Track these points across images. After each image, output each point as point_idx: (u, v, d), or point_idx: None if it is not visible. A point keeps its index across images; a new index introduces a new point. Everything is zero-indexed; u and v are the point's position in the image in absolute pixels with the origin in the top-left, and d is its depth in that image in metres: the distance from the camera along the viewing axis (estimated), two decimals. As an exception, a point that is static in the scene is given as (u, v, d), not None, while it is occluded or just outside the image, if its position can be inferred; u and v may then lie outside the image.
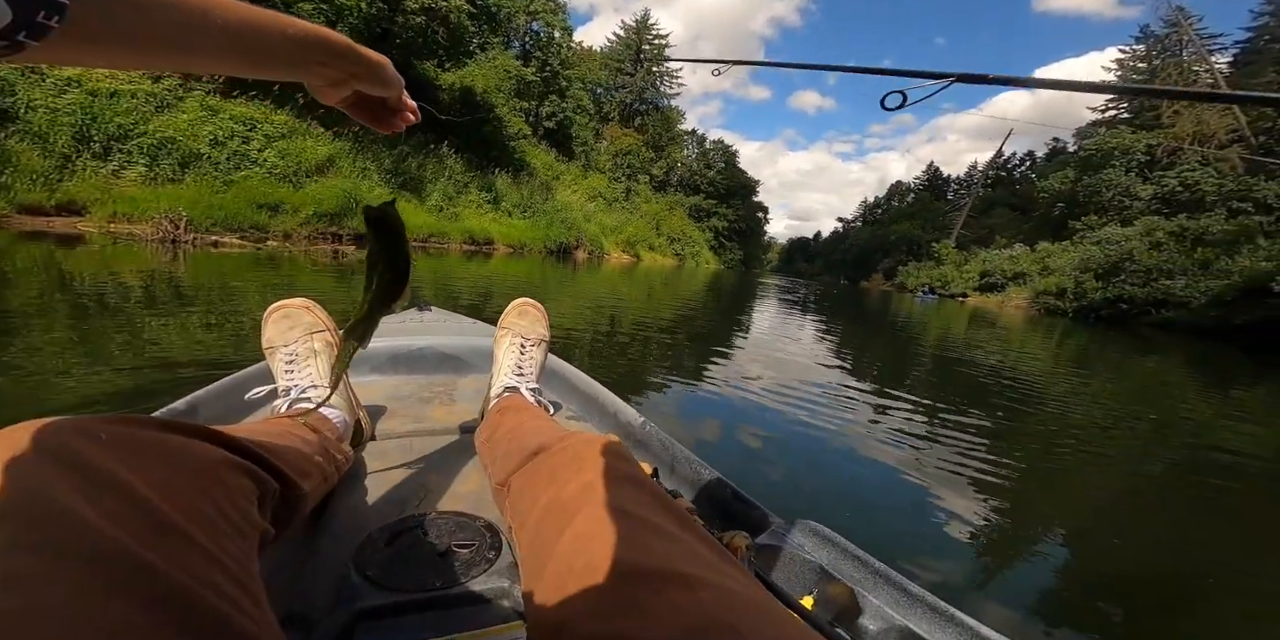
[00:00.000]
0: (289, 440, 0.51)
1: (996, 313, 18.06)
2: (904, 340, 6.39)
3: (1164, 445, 2.62)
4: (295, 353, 0.71)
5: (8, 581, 0.21)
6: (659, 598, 0.28)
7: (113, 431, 0.31)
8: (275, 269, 4.94)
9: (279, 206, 7.64)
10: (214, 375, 0.87)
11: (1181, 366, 6.52)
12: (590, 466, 0.41)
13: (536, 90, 19.41)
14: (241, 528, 0.33)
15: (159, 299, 2.96)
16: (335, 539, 0.54)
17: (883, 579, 0.50)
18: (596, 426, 0.96)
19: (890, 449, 2.04)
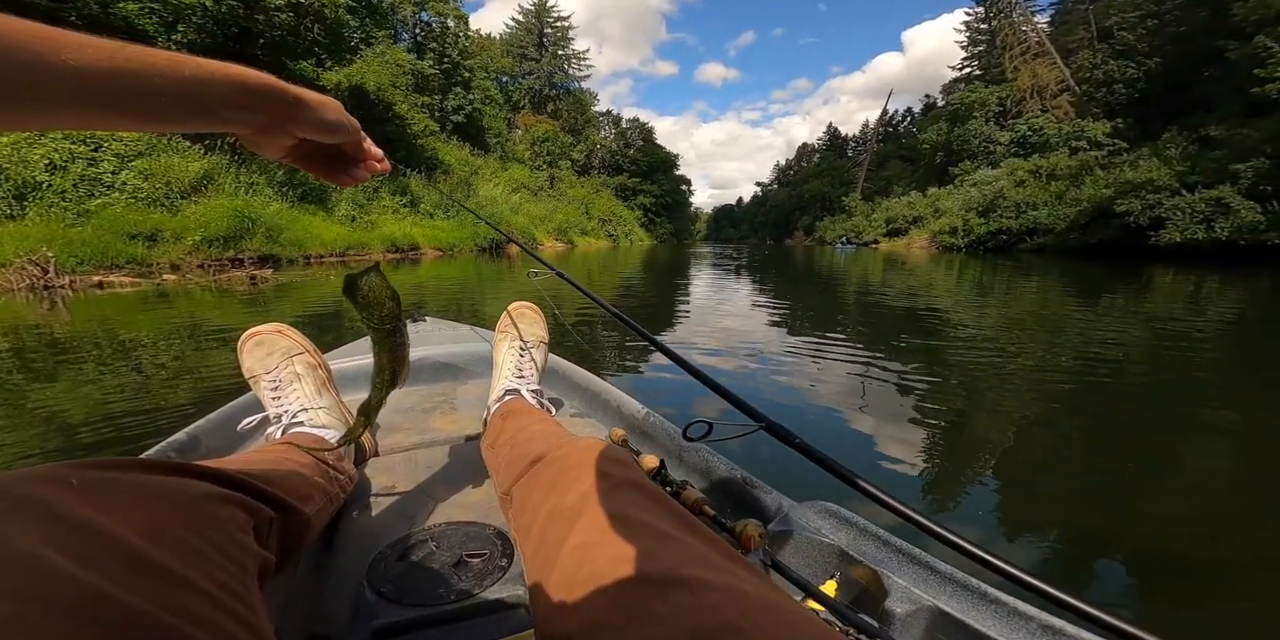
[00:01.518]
0: (285, 466, 0.49)
1: (905, 254, 19.65)
2: (830, 289, 6.73)
3: (1057, 347, 2.94)
4: (279, 379, 0.70)
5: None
6: (664, 604, 0.27)
7: (84, 476, 0.30)
8: (190, 304, 4.23)
9: (155, 235, 6.51)
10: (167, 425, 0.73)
11: (1056, 284, 7.37)
12: (588, 473, 0.40)
13: (437, 84, 17.91)
14: (238, 559, 0.32)
15: (69, 359, 2.40)
16: (348, 558, 0.54)
17: (907, 558, 0.47)
18: (600, 421, 0.93)
19: (831, 385, 2.14)
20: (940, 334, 3.34)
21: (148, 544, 0.27)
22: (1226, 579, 1.00)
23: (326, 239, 8.70)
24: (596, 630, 0.28)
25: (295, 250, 7.87)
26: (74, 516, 0.27)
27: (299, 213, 8.96)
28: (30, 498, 0.27)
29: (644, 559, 0.30)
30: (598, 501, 0.36)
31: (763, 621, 0.26)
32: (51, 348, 2.59)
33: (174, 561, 0.28)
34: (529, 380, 0.80)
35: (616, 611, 0.28)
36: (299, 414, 0.67)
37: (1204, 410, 1.92)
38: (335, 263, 8.31)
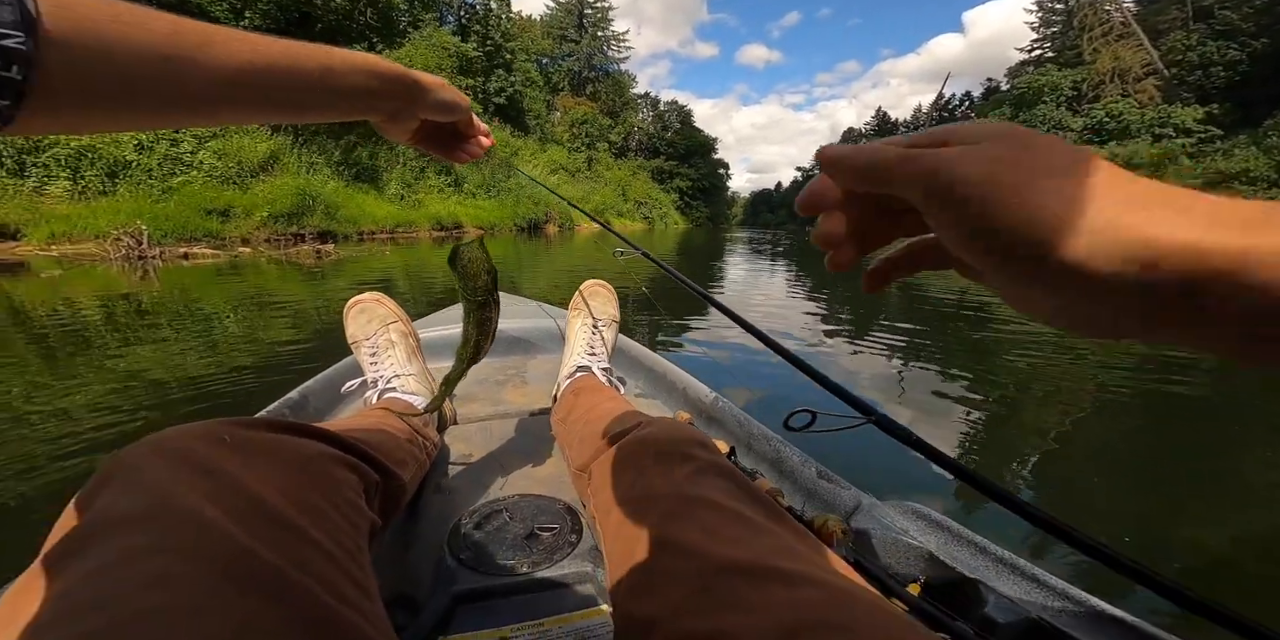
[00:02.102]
0: (384, 433, 0.51)
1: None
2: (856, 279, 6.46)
3: (1124, 352, 2.70)
4: (376, 345, 0.73)
5: (157, 581, 0.22)
6: (759, 594, 0.26)
7: (234, 434, 0.32)
8: (260, 276, 4.52)
9: (228, 211, 6.98)
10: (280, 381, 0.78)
11: None
12: (673, 455, 0.39)
13: (480, 66, 18.03)
14: (354, 521, 0.33)
15: (157, 323, 2.66)
16: (429, 523, 0.56)
17: (1007, 566, 0.44)
18: (665, 403, 0.92)
19: (877, 379, 2.04)
20: (993, 328, 3.12)
21: (282, 502, 0.29)
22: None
23: (378, 216, 9.09)
24: (682, 615, 0.27)
25: (350, 227, 8.28)
26: (226, 474, 0.28)
27: (353, 191, 9.40)
28: (191, 453, 0.29)
29: (733, 546, 0.29)
30: (683, 484, 0.36)
31: (865, 620, 0.24)
32: (142, 314, 2.84)
33: (303, 521, 0.29)
34: (600, 358, 0.80)
35: (704, 597, 0.27)
36: (393, 380, 0.70)
37: None
38: (385, 239, 8.70)
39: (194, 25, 0.23)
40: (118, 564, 0.22)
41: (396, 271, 5.00)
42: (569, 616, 0.45)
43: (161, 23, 0.22)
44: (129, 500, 0.25)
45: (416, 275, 4.80)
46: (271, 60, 0.25)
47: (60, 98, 0.20)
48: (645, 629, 0.28)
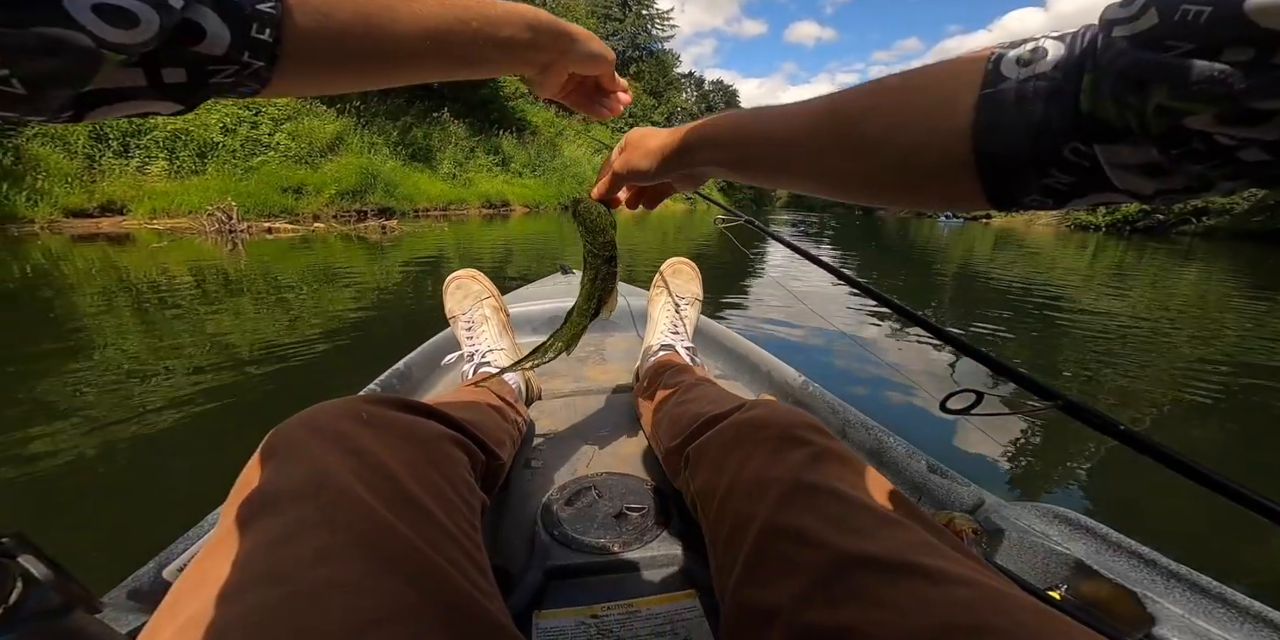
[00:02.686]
0: (484, 412, 0.52)
1: (1023, 232, 17.08)
2: (926, 268, 6.03)
3: (1212, 351, 2.39)
4: (471, 319, 0.76)
5: (322, 556, 0.23)
6: (896, 590, 0.24)
7: (370, 412, 0.33)
8: (329, 250, 4.87)
9: (301, 188, 7.47)
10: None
11: (1225, 270, 6.04)
12: (785, 439, 0.37)
13: (527, 44, 18.12)
14: (469, 501, 0.34)
15: (243, 290, 2.96)
16: (521, 498, 0.56)
17: (1179, 581, 0.39)
18: (747, 385, 0.89)
19: (926, 374, 1.94)
20: (1054, 329, 2.82)
21: (412, 482, 0.30)
22: None
23: (432, 194, 9.46)
24: (807, 607, 0.26)
25: (407, 204, 8.67)
26: (368, 452, 0.30)
27: (410, 170, 9.80)
28: (339, 431, 0.30)
29: (861, 537, 0.27)
30: (800, 470, 0.34)
31: (1031, 626, 0.22)
32: (229, 283, 3.12)
33: (426, 498, 0.30)
34: (682, 337, 0.79)
35: (831, 590, 0.26)
36: (487, 354, 0.72)
37: None
38: (439, 216, 9.04)
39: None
40: (289, 537, 0.24)
41: (450, 247, 5.24)
42: (659, 598, 0.44)
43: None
44: (291, 475, 0.27)
45: (468, 250, 5.01)
46: (454, 15, 0.26)
47: (294, 59, 0.21)
48: (764, 619, 0.27)
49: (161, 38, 0.17)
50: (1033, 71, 0.18)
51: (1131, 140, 0.16)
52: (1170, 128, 0.15)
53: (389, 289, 3.06)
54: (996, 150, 0.19)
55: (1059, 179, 0.19)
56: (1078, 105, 0.17)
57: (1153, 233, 16.85)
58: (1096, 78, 0.16)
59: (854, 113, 0.23)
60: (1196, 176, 0.16)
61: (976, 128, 0.19)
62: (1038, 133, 0.18)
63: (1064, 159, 0.18)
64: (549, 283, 1.38)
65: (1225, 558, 0.94)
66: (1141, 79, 0.15)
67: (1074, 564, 0.42)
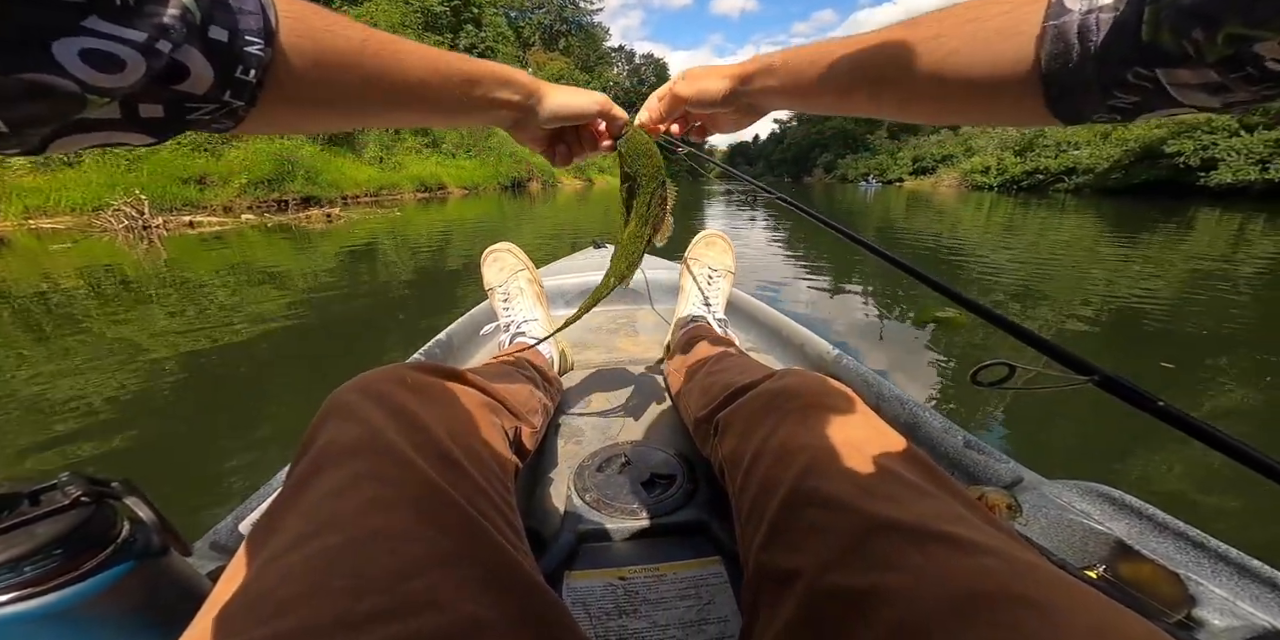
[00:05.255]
0: (518, 380, 0.53)
1: (930, 193, 18.70)
2: (860, 228, 6.52)
3: (1085, 283, 2.89)
4: (508, 291, 0.78)
5: (374, 505, 0.25)
6: (924, 556, 0.24)
7: (413, 378, 0.35)
8: (276, 241, 4.44)
9: (204, 179, 6.65)
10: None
11: (1095, 223, 7.02)
12: (815, 407, 0.36)
13: (446, 21, 16.68)
14: (502, 463, 0.36)
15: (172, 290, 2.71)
16: (554, 463, 0.57)
17: (1226, 562, 0.37)
18: (779, 358, 0.88)
19: (859, 324, 2.16)
20: (961, 279, 3.24)
21: (451, 442, 0.32)
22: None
23: (359, 180, 8.76)
24: (832, 569, 0.25)
25: (334, 191, 7.98)
26: (409, 412, 0.32)
27: (330, 155, 8.98)
28: (387, 395, 0.32)
29: (891, 505, 0.27)
30: (828, 437, 0.33)
31: (1060, 596, 0.21)
32: (144, 285, 2.80)
33: (465, 459, 0.31)
34: (714, 309, 0.79)
35: (858, 554, 0.25)
36: (522, 325, 0.73)
37: None
38: (370, 203, 8.38)
39: (381, 35, 0.24)
40: (345, 489, 0.26)
41: (381, 233, 4.89)
42: (685, 563, 0.45)
43: (354, 31, 0.23)
44: (346, 433, 0.29)
45: (402, 237, 4.73)
46: (436, 68, 0.27)
47: (275, 101, 0.21)
48: (786, 580, 0.27)
49: (147, 80, 0.16)
50: (1095, 4, 0.19)
51: (1191, 64, 0.17)
52: (1231, 54, 0.16)
53: (341, 280, 2.90)
54: (1063, 76, 0.20)
55: (1123, 99, 0.20)
56: (1139, 35, 0.18)
57: (1035, 191, 18.93)
58: (1157, 10, 0.17)
59: (927, 38, 0.25)
60: (1258, 94, 0.17)
61: (1042, 56, 0.20)
62: (1101, 60, 0.19)
63: (1127, 82, 0.19)
64: (580, 257, 1.39)
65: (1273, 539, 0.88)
66: (1209, 14, 0.16)
67: (1114, 543, 0.40)
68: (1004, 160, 21.12)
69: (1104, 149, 17.44)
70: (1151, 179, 14.63)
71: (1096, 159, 17.39)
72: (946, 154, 26.45)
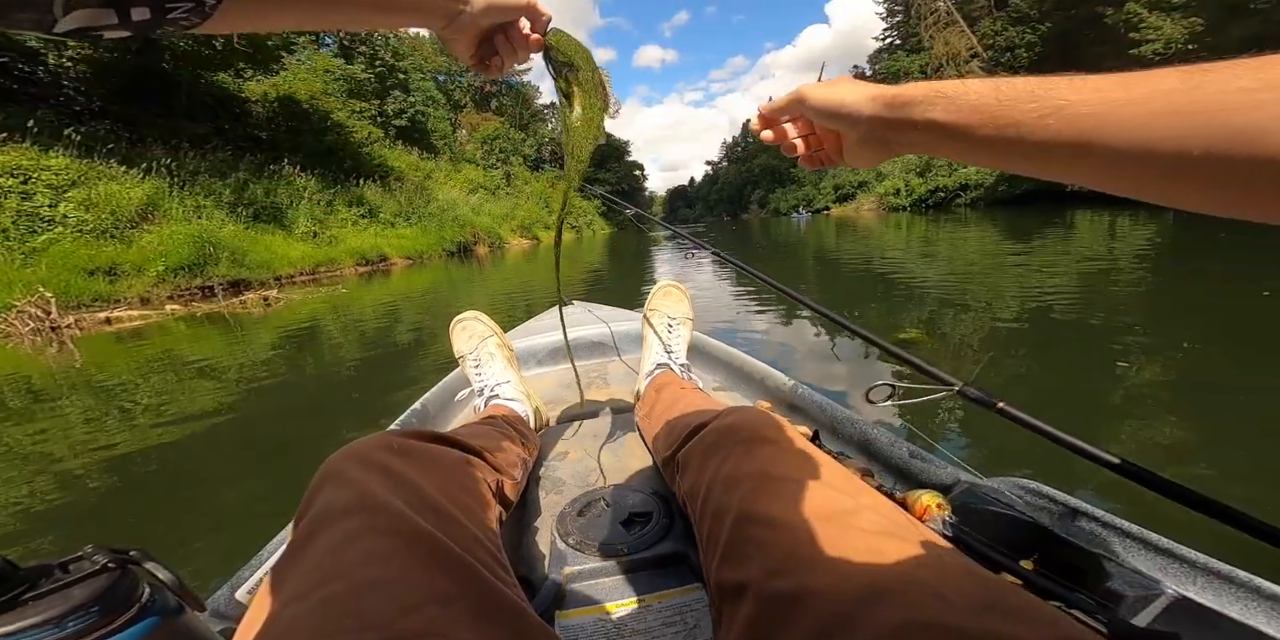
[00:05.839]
0: (498, 439, 0.58)
1: (855, 218, 20.63)
2: (792, 257, 7.18)
3: (1000, 288, 3.42)
4: (479, 357, 0.82)
5: (371, 557, 0.29)
6: (843, 554, 0.28)
7: (400, 443, 0.40)
8: (206, 332, 4.21)
9: (114, 269, 6.24)
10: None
11: (992, 232, 8.08)
12: (753, 439, 0.41)
13: (372, 88, 17.14)
14: (488, 512, 0.41)
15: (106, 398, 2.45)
16: (536, 513, 0.62)
17: (1135, 540, 0.41)
18: (745, 394, 0.95)
19: (806, 345, 2.43)
20: (893, 292, 3.70)
21: (439, 496, 0.36)
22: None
23: (293, 258, 8.43)
24: (774, 577, 0.29)
25: (265, 272, 7.64)
26: (397, 473, 0.36)
27: (257, 233, 8.62)
28: (374, 459, 0.37)
29: (816, 517, 0.31)
30: (766, 465, 0.38)
31: (954, 579, 0.25)
32: (71, 389, 2.63)
33: (455, 510, 0.35)
34: (676, 355, 0.83)
35: (790, 561, 0.29)
36: (496, 387, 0.78)
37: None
38: (306, 281, 8.12)
39: None
40: (343, 545, 0.29)
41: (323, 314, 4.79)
42: (667, 593, 0.48)
43: None
44: (341, 496, 0.33)
45: (346, 317, 4.65)
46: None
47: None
48: (738, 593, 0.30)
49: None
50: None
51: None
52: None
53: (281, 367, 2.82)
54: None
55: None
56: None
57: (941, 208, 21.37)
58: None
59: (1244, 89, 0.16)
60: None
61: None
62: None
63: None
64: (548, 316, 1.45)
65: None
66: None
67: (1040, 531, 0.44)
68: (910, 182, 23.85)
69: (988, 166, 20.10)
70: (1032, 188, 16.92)
71: (982, 174, 20.02)
72: (861, 180, 29.48)
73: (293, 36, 13.32)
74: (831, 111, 0.33)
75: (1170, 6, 14.55)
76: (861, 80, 0.32)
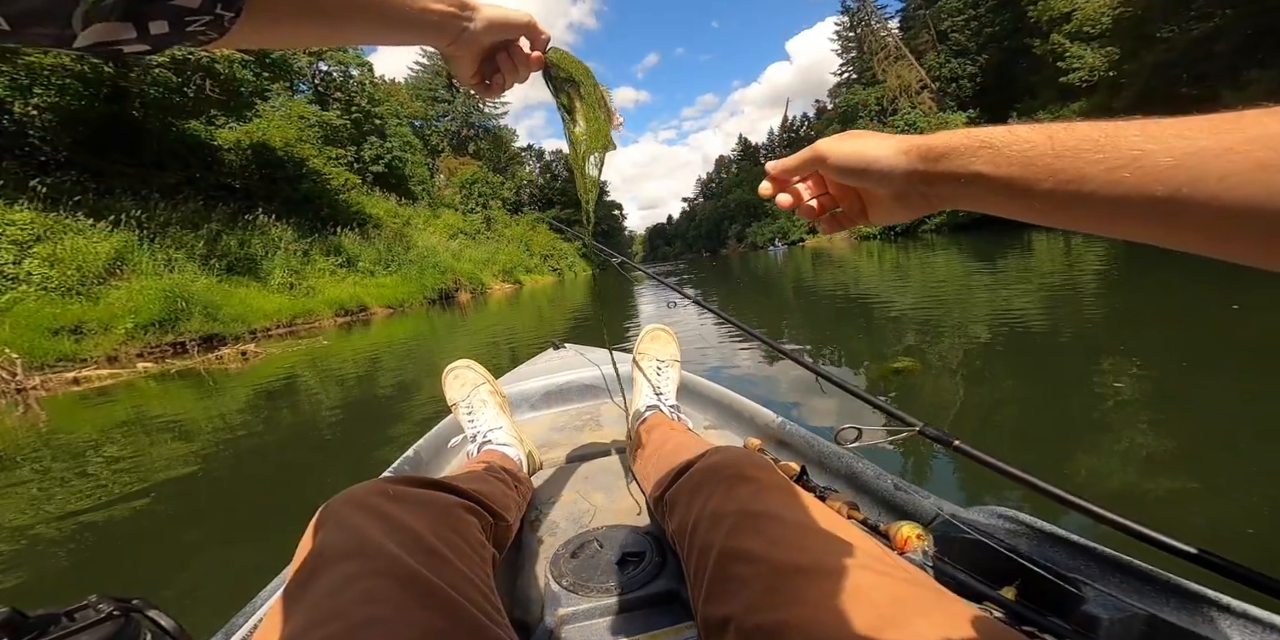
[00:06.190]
0: (491, 483, 0.60)
1: (829, 248, 21.53)
2: (772, 290, 7.47)
3: (972, 311, 3.62)
4: (471, 405, 0.84)
5: (367, 597, 0.30)
6: (818, 590, 0.29)
7: (393, 489, 0.42)
8: (189, 386, 4.11)
9: (80, 327, 6.03)
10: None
11: (958, 256, 8.60)
12: (735, 478, 0.43)
13: (348, 134, 17.51)
14: (481, 555, 0.42)
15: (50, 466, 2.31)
16: (531, 554, 0.63)
17: (1110, 564, 0.42)
18: (735, 432, 0.97)
19: (786, 375, 2.50)
20: (871, 319, 3.87)
21: (433, 539, 0.37)
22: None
23: (268, 310, 8.30)
24: (753, 612, 0.30)
25: (240, 326, 7.50)
26: (393, 517, 0.37)
27: (230, 286, 8.50)
28: (370, 504, 0.38)
29: (795, 552, 0.33)
30: (747, 502, 0.39)
31: (926, 611, 0.27)
32: (34, 453, 2.52)
33: (447, 551, 0.37)
34: (666, 396, 0.86)
35: (771, 596, 0.31)
36: (488, 433, 0.81)
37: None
38: (283, 333, 7.96)
39: None
40: (340, 587, 0.30)
41: (300, 367, 4.71)
42: (660, 632, 0.48)
43: None
44: (337, 540, 0.35)
45: (324, 370, 4.60)
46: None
47: (261, 10, 0.23)
48: (721, 628, 0.32)
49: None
50: None
51: None
52: None
53: (256, 422, 2.77)
54: None
55: None
56: None
57: (908, 235, 22.59)
58: None
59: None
60: None
61: None
62: None
63: None
64: (541, 360, 1.47)
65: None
66: None
67: (1019, 558, 0.45)
68: (876, 212, 25.24)
69: (946, 193, 21.55)
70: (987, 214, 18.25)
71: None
72: (831, 211, 30.96)
73: (266, 83, 13.66)
74: (860, 170, 0.29)
75: (1089, 36, 16.45)
76: (879, 132, 0.30)
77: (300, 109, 15.38)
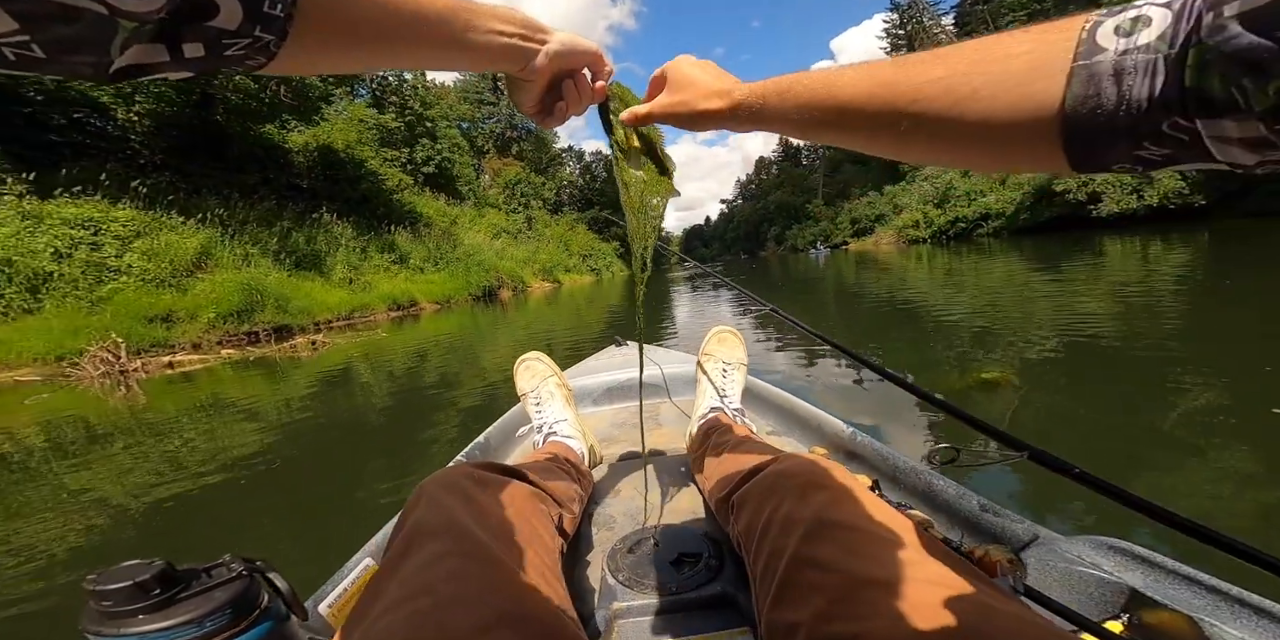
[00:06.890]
0: (558, 475, 0.63)
1: (875, 252, 20.67)
2: (811, 294, 7.28)
3: (1038, 318, 3.37)
4: (539, 396, 0.88)
5: (453, 576, 0.33)
6: (900, 603, 0.28)
7: (477, 474, 0.47)
8: (263, 373, 4.56)
9: (170, 316, 6.75)
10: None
11: (1021, 262, 8.11)
12: (809, 485, 0.43)
13: (401, 136, 18.44)
14: (550, 544, 0.45)
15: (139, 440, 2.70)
16: (589, 548, 0.65)
17: (1236, 603, 0.40)
18: (799, 440, 0.96)
19: (839, 387, 2.48)
20: (921, 328, 3.65)
21: (512, 525, 0.40)
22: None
23: (330, 303, 8.91)
24: (826, 621, 0.30)
25: (305, 318, 8.10)
26: (478, 501, 0.41)
27: (298, 280, 9.18)
28: (459, 487, 0.42)
29: (872, 563, 0.32)
30: (821, 510, 0.39)
31: (1011, 632, 0.25)
32: (127, 433, 2.83)
33: (523, 539, 0.40)
34: (731, 399, 0.86)
35: (845, 606, 0.30)
36: (554, 425, 0.83)
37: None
38: (343, 326, 8.53)
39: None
40: (431, 563, 0.34)
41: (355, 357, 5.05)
42: (715, 635, 0.48)
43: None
44: (432, 517, 0.38)
45: (376, 360, 4.92)
46: (451, 4, 0.29)
47: (308, 33, 0.23)
48: (789, 633, 0.32)
49: (170, 6, 0.17)
50: (1133, 43, 0.17)
51: (1238, 116, 0.16)
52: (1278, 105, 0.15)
53: (348, 410, 3.06)
54: (1088, 124, 0.19)
55: (1153, 151, 0.18)
56: (1182, 80, 0.16)
57: (962, 239, 21.44)
58: (1202, 53, 0.16)
59: (956, 73, 0.23)
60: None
61: (1068, 100, 0.19)
62: (1136, 108, 0.18)
63: (1161, 132, 0.18)
64: (604, 356, 1.52)
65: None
66: (1259, 63, 0.14)
67: (1130, 593, 0.43)
68: (928, 213, 24.13)
69: (1005, 193, 20.16)
70: (1054, 215, 16.93)
71: (1003, 203, 20.11)
72: (878, 213, 29.89)
73: (331, 88, 14.60)
74: (698, 122, 0.38)
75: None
76: (702, 68, 0.38)
77: (359, 112, 16.31)
